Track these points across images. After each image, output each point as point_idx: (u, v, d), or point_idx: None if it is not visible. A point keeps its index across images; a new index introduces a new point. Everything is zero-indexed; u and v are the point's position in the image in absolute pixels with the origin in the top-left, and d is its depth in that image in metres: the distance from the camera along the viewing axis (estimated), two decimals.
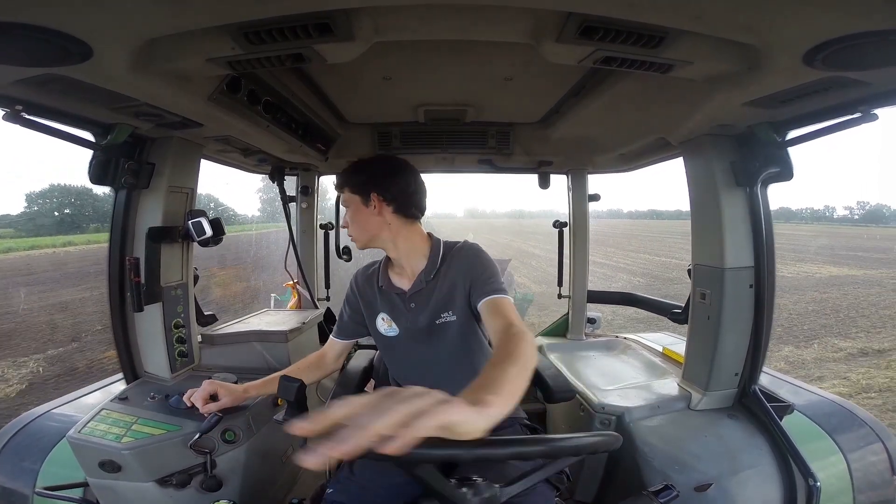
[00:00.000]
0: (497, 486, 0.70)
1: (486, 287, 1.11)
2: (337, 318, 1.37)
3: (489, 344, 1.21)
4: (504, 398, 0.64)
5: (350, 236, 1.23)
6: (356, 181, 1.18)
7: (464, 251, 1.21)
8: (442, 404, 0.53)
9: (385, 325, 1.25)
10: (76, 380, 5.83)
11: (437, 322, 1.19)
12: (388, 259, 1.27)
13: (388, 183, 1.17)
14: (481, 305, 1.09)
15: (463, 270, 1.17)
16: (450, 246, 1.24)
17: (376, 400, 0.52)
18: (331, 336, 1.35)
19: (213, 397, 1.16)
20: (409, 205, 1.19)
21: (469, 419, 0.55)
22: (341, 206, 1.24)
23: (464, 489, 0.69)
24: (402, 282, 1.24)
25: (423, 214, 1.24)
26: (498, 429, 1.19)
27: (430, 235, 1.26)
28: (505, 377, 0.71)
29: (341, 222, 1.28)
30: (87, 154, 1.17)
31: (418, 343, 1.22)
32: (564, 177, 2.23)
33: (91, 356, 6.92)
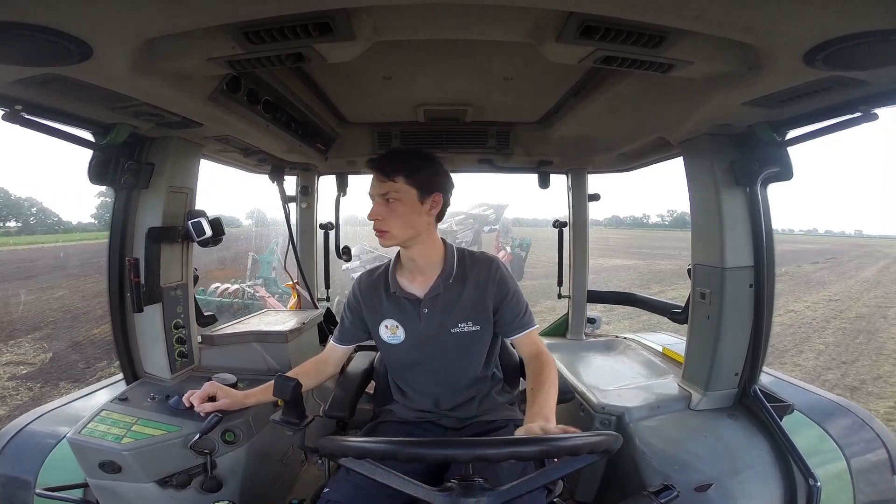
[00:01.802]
0: (482, 492, 0.68)
1: (523, 319, 1.21)
2: (338, 322, 1.35)
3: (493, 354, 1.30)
4: (554, 414, 0.99)
5: (381, 230, 1.11)
6: (421, 174, 1.10)
7: (490, 265, 1.21)
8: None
9: (388, 332, 1.23)
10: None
11: (454, 330, 1.18)
12: (396, 263, 1.25)
13: (447, 187, 1.16)
14: (519, 337, 1.21)
15: (491, 286, 1.18)
16: (463, 252, 1.24)
17: None
18: (331, 341, 1.33)
19: (213, 399, 1.16)
20: (445, 212, 1.20)
21: None
22: (379, 195, 1.11)
23: (447, 494, 0.68)
24: (414, 287, 1.21)
25: None
26: (493, 431, 1.20)
27: (443, 240, 1.25)
28: (551, 401, 1.04)
29: (370, 213, 1.13)
30: None
31: (427, 349, 1.21)
32: (564, 176, 2.23)
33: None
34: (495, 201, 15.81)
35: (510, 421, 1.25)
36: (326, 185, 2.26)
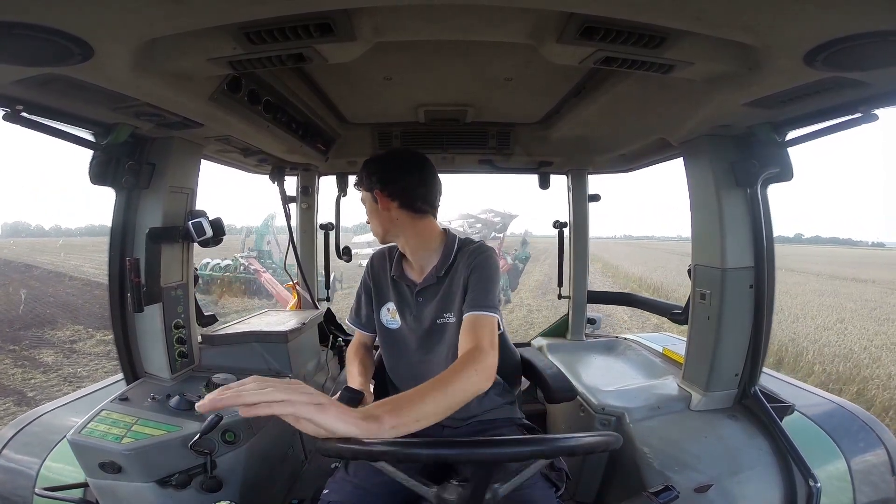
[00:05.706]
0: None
1: (477, 299, 1.08)
2: (354, 306, 1.36)
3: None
4: (404, 421, 0.70)
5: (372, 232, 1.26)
6: (363, 179, 1.21)
7: (476, 252, 1.17)
8: (320, 407, 0.64)
9: (389, 315, 1.25)
10: None
11: (438, 321, 1.18)
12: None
13: (390, 179, 1.17)
14: (465, 317, 1.06)
15: (468, 272, 1.15)
16: (465, 243, 1.22)
17: (272, 381, 0.65)
18: (357, 330, 1.35)
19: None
20: (415, 199, 1.16)
21: (345, 428, 0.65)
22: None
23: (448, 491, 0.70)
24: (413, 273, 1.24)
25: (433, 209, 1.21)
26: (493, 429, 1.20)
27: (445, 231, 1.24)
28: (423, 403, 0.76)
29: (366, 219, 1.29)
30: None
31: (417, 340, 1.21)
32: (564, 177, 2.23)
33: None
34: (503, 209, 15.71)
35: (511, 420, 1.25)
36: (327, 185, 2.27)
